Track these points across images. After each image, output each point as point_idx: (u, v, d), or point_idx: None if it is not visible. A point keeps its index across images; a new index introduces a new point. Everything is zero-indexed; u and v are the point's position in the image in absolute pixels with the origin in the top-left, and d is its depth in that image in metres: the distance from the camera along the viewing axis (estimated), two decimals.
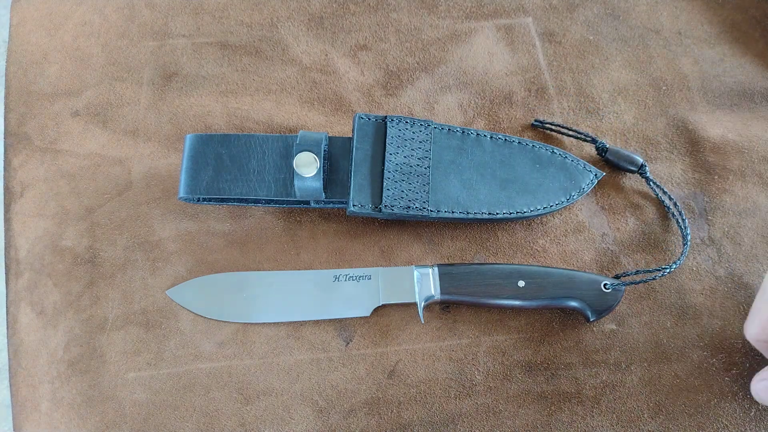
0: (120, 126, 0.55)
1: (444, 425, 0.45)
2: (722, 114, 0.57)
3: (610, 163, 0.53)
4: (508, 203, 0.50)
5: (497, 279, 0.47)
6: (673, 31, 0.61)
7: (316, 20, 0.60)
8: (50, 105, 0.56)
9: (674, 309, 0.49)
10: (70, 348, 0.47)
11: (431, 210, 0.48)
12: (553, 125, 0.55)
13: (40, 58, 0.58)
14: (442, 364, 0.47)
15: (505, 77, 0.58)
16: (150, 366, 0.47)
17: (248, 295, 0.48)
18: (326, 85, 0.57)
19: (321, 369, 0.47)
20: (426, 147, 0.49)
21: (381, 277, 0.48)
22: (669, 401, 0.46)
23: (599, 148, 0.53)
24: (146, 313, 0.48)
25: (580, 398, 0.46)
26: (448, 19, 0.61)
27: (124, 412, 0.45)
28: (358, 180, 0.48)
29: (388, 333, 0.48)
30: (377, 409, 0.46)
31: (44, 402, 0.46)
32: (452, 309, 0.49)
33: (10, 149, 0.54)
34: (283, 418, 0.45)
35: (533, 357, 0.48)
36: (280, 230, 0.51)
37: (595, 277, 0.47)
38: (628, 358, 0.47)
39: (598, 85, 0.58)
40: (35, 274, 0.49)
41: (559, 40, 0.60)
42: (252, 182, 0.48)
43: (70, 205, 0.52)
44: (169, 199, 0.52)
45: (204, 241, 0.51)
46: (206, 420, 0.45)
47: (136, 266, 0.50)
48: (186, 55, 0.58)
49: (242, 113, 0.56)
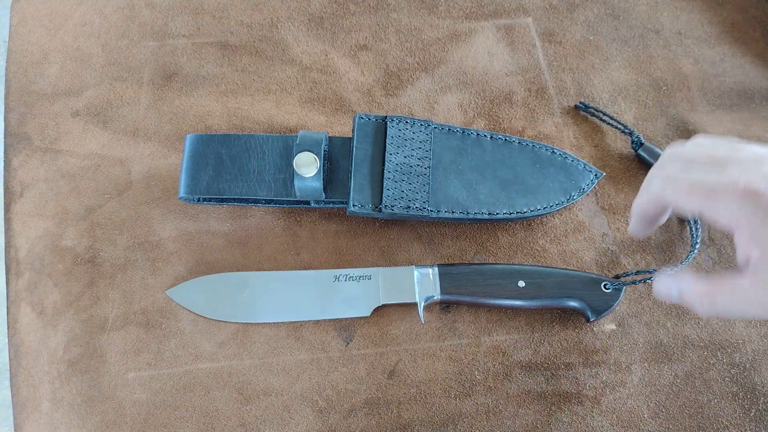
0: (120, 126, 0.55)
1: (444, 425, 0.45)
2: (722, 114, 0.57)
3: (640, 159, 0.53)
4: (508, 203, 0.50)
5: (497, 279, 0.47)
6: (673, 31, 0.61)
7: (316, 20, 0.60)
8: (50, 105, 0.56)
9: (674, 309, 0.49)
10: (70, 348, 0.47)
11: (431, 210, 0.48)
12: (596, 110, 0.55)
13: (40, 58, 0.58)
14: (442, 364, 0.47)
15: (505, 77, 0.58)
16: (150, 366, 0.47)
17: (248, 295, 0.48)
18: (326, 85, 0.57)
19: (321, 369, 0.47)
20: (426, 147, 0.49)
21: (381, 277, 0.48)
22: (669, 401, 0.46)
23: (635, 141, 0.53)
24: (146, 313, 0.48)
25: (580, 398, 0.46)
26: (448, 19, 0.61)
27: (124, 412, 0.45)
28: (358, 180, 0.48)
29: (388, 333, 0.48)
30: (377, 409, 0.46)
31: (45, 402, 0.46)
32: (452, 309, 0.49)
33: (10, 149, 0.54)
34: (283, 418, 0.45)
35: (533, 357, 0.48)
36: (280, 230, 0.51)
37: (595, 277, 0.47)
38: (628, 358, 0.47)
39: (598, 85, 0.58)
40: (35, 274, 0.49)
41: (559, 40, 0.60)
42: (252, 182, 0.48)
43: (70, 205, 0.52)
44: (169, 199, 0.52)
45: (204, 241, 0.51)
46: (206, 420, 0.45)
47: (136, 266, 0.50)
48: (186, 55, 0.58)
49: (242, 113, 0.56)
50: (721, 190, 0.36)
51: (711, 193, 0.36)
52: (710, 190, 0.36)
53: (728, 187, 0.35)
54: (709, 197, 0.36)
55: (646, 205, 0.41)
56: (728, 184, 0.35)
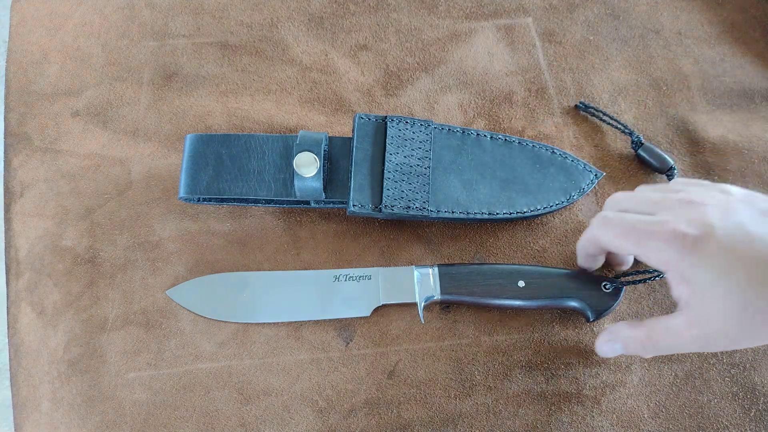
0: (120, 126, 0.55)
1: (444, 425, 0.45)
2: (722, 114, 0.57)
3: (640, 159, 0.53)
4: (508, 203, 0.50)
5: (497, 279, 0.47)
6: (673, 31, 0.61)
7: (316, 20, 0.60)
8: (50, 105, 0.56)
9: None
10: (70, 348, 0.47)
11: (431, 210, 0.48)
12: (596, 110, 0.55)
13: (40, 58, 0.58)
14: (442, 364, 0.47)
15: (505, 77, 0.58)
16: (150, 366, 0.47)
17: (248, 295, 0.48)
18: (326, 85, 0.57)
19: (321, 369, 0.47)
20: (426, 147, 0.49)
21: (381, 278, 0.48)
22: (669, 401, 0.46)
23: (634, 141, 0.53)
24: (146, 313, 0.48)
25: (580, 398, 0.46)
26: (448, 19, 0.61)
27: (124, 412, 0.45)
28: (358, 180, 0.48)
29: (388, 333, 0.48)
30: (377, 409, 0.46)
31: (45, 402, 0.46)
32: (452, 309, 0.49)
33: (10, 149, 0.54)
34: (283, 418, 0.45)
35: (533, 357, 0.48)
36: (280, 230, 0.51)
37: (595, 276, 0.47)
38: (628, 358, 0.47)
39: (598, 85, 0.58)
40: (35, 274, 0.49)
41: (559, 40, 0.60)
42: (252, 182, 0.48)
43: (70, 205, 0.52)
44: (169, 199, 0.52)
45: (204, 241, 0.51)
46: (206, 420, 0.45)
47: (136, 266, 0.50)
48: (186, 55, 0.58)
49: (242, 113, 0.56)
50: (650, 232, 0.38)
51: (641, 235, 0.38)
52: (641, 232, 0.38)
53: (656, 229, 0.37)
54: (640, 239, 0.39)
55: (585, 244, 0.45)
56: (656, 227, 0.37)
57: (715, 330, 0.36)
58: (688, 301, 0.37)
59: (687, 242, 0.36)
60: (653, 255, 0.38)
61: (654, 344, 0.40)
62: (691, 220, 0.36)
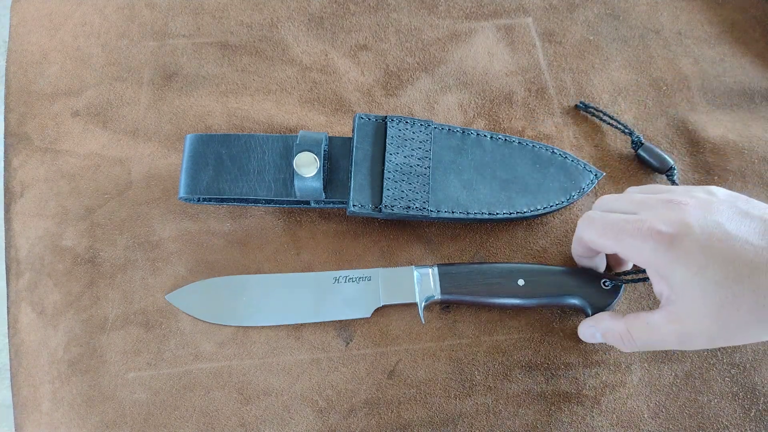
0: (120, 126, 0.55)
1: (444, 425, 0.45)
2: (722, 114, 0.57)
3: (640, 159, 0.53)
4: (508, 203, 0.50)
5: (497, 278, 0.47)
6: (673, 31, 0.61)
7: (316, 20, 0.60)
8: (50, 105, 0.56)
9: None
10: (71, 348, 0.47)
11: (431, 210, 0.48)
12: (596, 110, 0.55)
13: (40, 58, 0.58)
14: (442, 364, 0.47)
15: (505, 77, 0.58)
16: (150, 366, 0.47)
17: (248, 298, 0.48)
18: (326, 85, 0.57)
19: (321, 369, 0.47)
20: (426, 147, 0.49)
21: (381, 278, 0.48)
22: (669, 401, 0.46)
23: (634, 141, 0.53)
24: (146, 313, 0.48)
25: (580, 398, 0.46)
26: (448, 19, 0.61)
27: (124, 412, 0.45)
28: (358, 180, 0.48)
29: (388, 333, 0.48)
30: (377, 409, 0.46)
31: (45, 402, 0.46)
32: (452, 309, 0.49)
33: (10, 149, 0.54)
34: (283, 418, 0.45)
35: (533, 357, 0.48)
36: (280, 230, 0.51)
37: (594, 273, 0.47)
38: (628, 358, 0.47)
39: (598, 85, 0.58)
40: (35, 274, 0.49)
41: (559, 40, 0.60)
42: (252, 182, 0.48)
43: (70, 205, 0.52)
44: (169, 199, 0.52)
45: (204, 241, 0.51)
46: (206, 420, 0.45)
47: (136, 266, 0.50)
48: (186, 55, 0.58)
49: (242, 113, 0.56)
50: (629, 230, 0.39)
51: (621, 233, 0.40)
52: (620, 231, 0.40)
53: (635, 227, 0.39)
54: (619, 237, 0.40)
55: (574, 245, 0.46)
56: (635, 225, 0.39)
57: (693, 326, 0.37)
58: (668, 298, 0.38)
59: (663, 240, 0.37)
60: (632, 253, 0.39)
61: (633, 339, 0.41)
62: (670, 218, 0.37)
